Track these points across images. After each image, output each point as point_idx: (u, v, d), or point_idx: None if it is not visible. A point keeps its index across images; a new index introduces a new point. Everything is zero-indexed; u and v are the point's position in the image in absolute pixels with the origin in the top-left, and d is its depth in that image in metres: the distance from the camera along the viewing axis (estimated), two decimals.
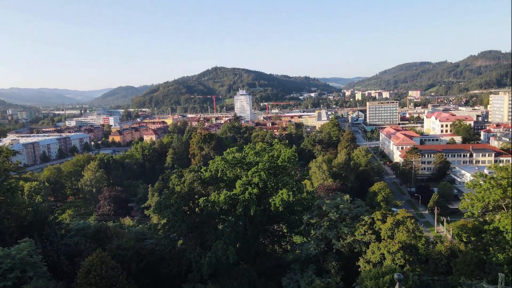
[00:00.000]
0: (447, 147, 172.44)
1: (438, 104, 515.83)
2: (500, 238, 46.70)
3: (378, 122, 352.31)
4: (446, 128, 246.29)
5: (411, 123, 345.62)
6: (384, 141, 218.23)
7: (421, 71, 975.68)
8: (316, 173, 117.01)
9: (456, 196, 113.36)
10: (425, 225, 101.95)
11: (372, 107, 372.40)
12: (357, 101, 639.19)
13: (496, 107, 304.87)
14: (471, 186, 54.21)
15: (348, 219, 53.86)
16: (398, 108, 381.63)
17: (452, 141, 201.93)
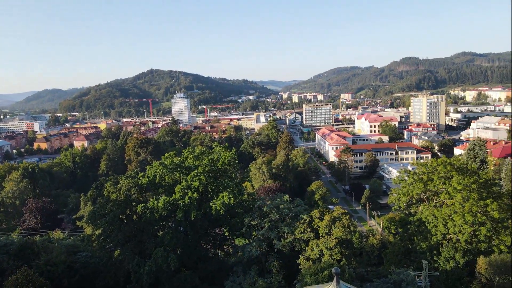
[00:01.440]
0: (376, 146, 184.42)
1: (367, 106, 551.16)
2: (422, 228, 51.05)
3: (314, 123, 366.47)
4: (375, 128, 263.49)
5: (344, 124, 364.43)
6: (320, 141, 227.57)
7: (351, 75, 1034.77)
8: (256, 174, 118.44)
9: (385, 192, 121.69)
10: (359, 220, 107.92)
11: (308, 109, 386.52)
12: (294, 104, 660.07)
13: (416, 108, 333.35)
14: (397, 181, 58.72)
15: (289, 218, 55.32)
16: (332, 110, 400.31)
17: (380, 140, 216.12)
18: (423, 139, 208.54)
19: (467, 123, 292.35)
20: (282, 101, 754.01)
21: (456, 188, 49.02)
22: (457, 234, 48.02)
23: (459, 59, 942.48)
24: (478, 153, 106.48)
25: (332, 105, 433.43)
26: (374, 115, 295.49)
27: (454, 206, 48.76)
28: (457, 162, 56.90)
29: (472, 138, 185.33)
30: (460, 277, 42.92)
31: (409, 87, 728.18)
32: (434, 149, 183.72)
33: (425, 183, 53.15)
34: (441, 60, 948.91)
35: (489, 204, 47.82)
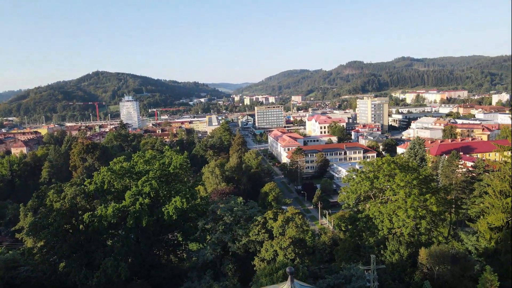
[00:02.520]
0: (326, 147, 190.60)
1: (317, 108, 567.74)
2: (370, 224, 53.53)
3: (266, 125, 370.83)
4: (325, 129, 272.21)
5: (295, 125, 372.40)
6: (272, 143, 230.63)
7: (301, 78, 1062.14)
8: (210, 178, 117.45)
9: (335, 190, 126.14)
10: (311, 219, 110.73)
11: (260, 111, 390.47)
12: (246, 106, 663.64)
13: (362, 110, 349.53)
14: (346, 180, 61.05)
15: (243, 221, 55.49)
16: (283, 112, 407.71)
17: (330, 141, 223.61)
18: (369, 139, 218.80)
19: (407, 123, 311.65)
20: (234, 104, 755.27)
21: (399, 185, 52.01)
22: (401, 228, 50.95)
23: (399, 64, 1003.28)
24: (418, 151, 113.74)
25: (283, 107, 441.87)
26: (324, 117, 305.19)
27: (398, 202, 51.70)
28: (400, 160, 60.44)
29: (412, 137, 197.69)
30: (404, 268, 45.59)
31: (355, 89, 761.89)
32: (379, 149, 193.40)
33: (371, 181, 55.82)
34: (383, 64, 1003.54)
35: (428, 199, 51.29)
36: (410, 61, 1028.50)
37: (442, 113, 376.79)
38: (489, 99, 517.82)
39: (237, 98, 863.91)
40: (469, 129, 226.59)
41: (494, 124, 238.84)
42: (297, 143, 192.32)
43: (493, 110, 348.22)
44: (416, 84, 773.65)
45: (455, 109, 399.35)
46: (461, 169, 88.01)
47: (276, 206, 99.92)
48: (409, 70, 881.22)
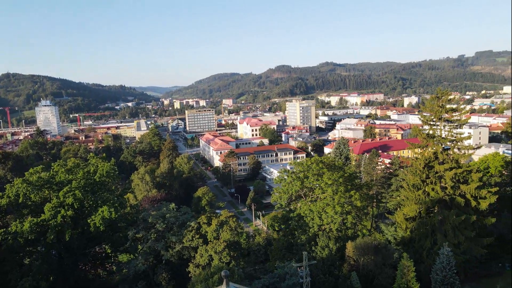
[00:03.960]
0: (258, 149, 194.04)
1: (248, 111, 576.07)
2: (302, 222, 55.73)
3: (198, 129, 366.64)
4: (256, 132, 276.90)
5: (227, 129, 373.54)
6: (204, 147, 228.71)
7: (232, 81, 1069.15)
8: (139, 185, 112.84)
9: (268, 192, 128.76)
10: (245, 221, 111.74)
11: (191, 115, 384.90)
12: (176, 110, 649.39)
13: (291, 112, 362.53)
14: (278, 181, 62.86)
15: (176, 227, 54.16)
16: (214, 116, 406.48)
17: (261, 143, 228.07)
18: (298, 141, 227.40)
19: (333, 124, 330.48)
20: (163, 108, 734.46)
21: (327, 183, 54.95)
22: (330, 224, 53.81)
23: (324, 68, 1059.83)
24: (343, 151, 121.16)
25: (214, 111, 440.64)
26: (255, 120, 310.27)
27: (326, 199, 54.54)
28: (327, 160, 63.88)
29: (338, 138, 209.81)
30: (334, 262, 48.16)
31: (284, 92, 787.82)
32: (308, 149, 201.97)
33: (302, 180, 58.22)
34: (310, 68, 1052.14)
35: (353, 195, 54.90)
36: (333, 66, 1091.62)
37: (362, 115, 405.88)
38: (401, 102, 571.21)
39: (167, 102, 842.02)
40: (386, 129, 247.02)
41: (406, 124, 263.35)
42: (229, 146, 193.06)
43: (405, 111, 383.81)
44: (339, 88, 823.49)
45: (374, 111, 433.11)
46: (380, 166, 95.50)
47: (209, 210, 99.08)
48: (332, 75, 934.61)
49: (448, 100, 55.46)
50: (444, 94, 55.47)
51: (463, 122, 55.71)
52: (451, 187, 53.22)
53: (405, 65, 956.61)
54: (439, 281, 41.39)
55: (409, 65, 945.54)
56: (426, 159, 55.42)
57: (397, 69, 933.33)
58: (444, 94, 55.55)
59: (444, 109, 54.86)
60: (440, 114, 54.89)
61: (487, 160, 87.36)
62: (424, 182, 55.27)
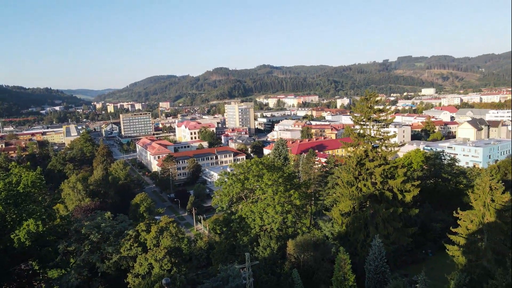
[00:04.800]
0: (197, 152, 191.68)
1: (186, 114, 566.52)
2: (243, 224, 56.11)
3: (134, 133, 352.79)
4: (195, 135, 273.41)
5: (165, 132, 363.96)
6: (141, 152, 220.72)
7: (168, 84, 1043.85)
8: (71, 194, 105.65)
9: (209, 195, 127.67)
10: (186, 226, 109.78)
11: (126, 119, 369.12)
12: (110, 114, 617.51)
13: (230, 114, 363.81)
14: (218, 184, 62.68)
15: (112, 237, 51.63)
16: (151, 119, 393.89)
17: (201, 146, 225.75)
18: (238, 143, 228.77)
19: (271, 126, 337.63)
20: (96, 112, 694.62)
21: (267, 184, 55.96)
22: (271, 224, 54.87)
23: (261, 71, 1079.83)
24: (282, 151, 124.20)
25: (151, 114, 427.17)
26: (193, 123, 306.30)
27: (267, 200, 55.52)
28: (267, 161, 65.11)
29: (276, 139, 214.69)
30: (276, 261, 49.18)
31: (223, 95, 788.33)
32: (248, 151, 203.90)
33: (242, 182, 58.63)
34: (247, 71, 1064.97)
35: (293, 194, 56.55)
36: (270, 69, 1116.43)
37: (299, 116, 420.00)
38: (334, 103, 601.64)
39: (99, 106, 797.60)
40: (321, 129, 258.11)
41: (340, 124, 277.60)
42: (168, 150, 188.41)
43: (338, 112, 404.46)
44: (277, 90, 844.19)
45: (310, 112, 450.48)
46: (317, 165, 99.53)
47: (148, 217, 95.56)
48: (270, 77, 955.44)
49: (376, 101, 59.53)
50: (372, 96, 59.44)
51: (389, 122, 60.12)
52: (380, 182, 57.12)
53: (337, 68, 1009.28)
54: (372, 271, 44.18)
55: (340, 68, 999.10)
56: (358, 157, 58.87)
57: (330, 72, 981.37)
58: (372, 96, 59.54)
59: (373, 110, 58.78)
60: (369, 115, 58.69)
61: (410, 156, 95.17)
62: (356, 178, 58.66)
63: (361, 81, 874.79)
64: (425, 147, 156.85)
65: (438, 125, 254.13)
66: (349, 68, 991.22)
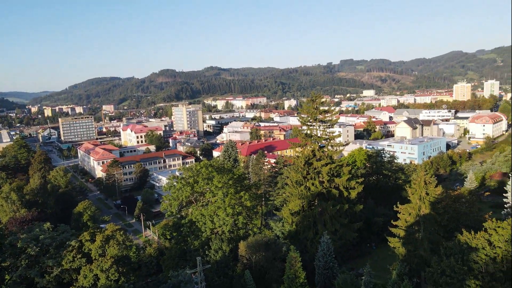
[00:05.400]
0: (144, 156, 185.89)
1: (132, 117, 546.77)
2: (194, 228, 55.37)
3: (75, 138, 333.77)
4: (141, 138, 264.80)
5: (109, 136, 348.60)
6: (84, 157, 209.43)
7: (112, 86, 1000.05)
8: (4, 205, 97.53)
9: (158, 200, 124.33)
10: (134, 233, 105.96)
11: (66, 123, 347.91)
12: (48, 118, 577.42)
13: (178, 117, 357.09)
14: (167, 188, 61.26)
15: (52, 249, 48.47)
16: (94, 123, 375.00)
17: (148, 150, 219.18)
18: (186, 145, 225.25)
19: (220, 128, 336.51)
20: (31, 116, 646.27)
21: (217, 186, 55.71)
22: (222, 226, 54.68)
23: (209, 73, 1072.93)
24: (231, 153, 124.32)
25: (94, 118, 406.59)
26: (140, 126, 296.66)
27: (217, 202, 55.25)
28: (216, 163, 64.82)
29: (226, 141, 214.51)
30: (228, 263, 49.08)
31: (170, 97, 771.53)
32: (197, 154, 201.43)
33: (192, 186, 57.83)
34: (195, 73, 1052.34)
35: (243, 196, 56.83)
36: (218, 71, 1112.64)
37: (248, 118, 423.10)
38: (282, 104, 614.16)
39: (35, 109, 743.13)
40: (270, 131, 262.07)
41: (288, 125, 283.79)
42: (113, 155, 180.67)
43: (286, 113, 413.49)
44: (225, 92, 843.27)
45: (258, 114, 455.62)
46: (266, 166, 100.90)
47: (93, 225, 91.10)
48: (218, 79, 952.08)
49: (321, 102, 61.75)
50: (318, 98, 61.58)
51: (334, 122, 62.66)
52: (327, 181, 59.31)
53: (283, 70, 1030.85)
54: (321, 267, 45.70)
55: (287, 70, 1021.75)
56: (306, 157, 60.64)
57: (277, 74, 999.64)
58: (318, 97, 61.68)
59: (318, 110, 60.89)
60: (315, 116, 60.72)
61: (354, 154, 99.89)
62: (305, 178, 60.38)
63: (307, 83, 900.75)
64: (367, 146, 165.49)
65: (378, 125, 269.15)
66: (296, 70, 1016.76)
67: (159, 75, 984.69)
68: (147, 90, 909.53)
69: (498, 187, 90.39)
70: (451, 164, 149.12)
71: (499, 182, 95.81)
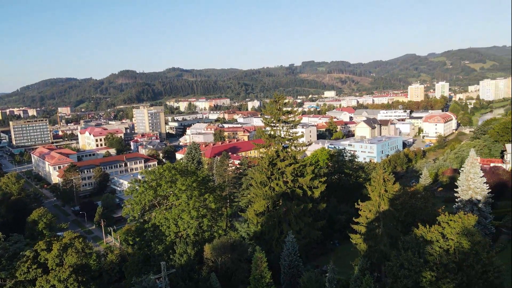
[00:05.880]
0: (104, 160, 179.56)
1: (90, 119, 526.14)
2: (158, 232, 54.23)
3: (28, 143, 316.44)
4: (101, 142, 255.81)
5: (66, 140, 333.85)
6: (38, 163, 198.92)
7: (68, 87, 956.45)
8: None
9: (119, 205, 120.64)
10: (95, 240, 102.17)
11: (17, 127, 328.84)
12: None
13: (139, 119, 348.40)
14: (129, 192, 59.55)
15: (5, 260, 45.72)
16: (49, 126, 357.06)
17: (108, 153, 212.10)
18: (148, 148, 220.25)
19: (183, 130, 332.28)
20: None
21: (181, 189, 54.89)
22: (187, 229, 53.96)
23: (171, 74, 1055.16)
24: (195, 155, 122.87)
25: (49, 121, 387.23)
26: (99, 129, 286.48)
27: (181, 205, 54.45)
28: (180, 166, 63.82)
29: (189, 143, 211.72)
30: (193, 267, 48.50)
31: (130, 99, 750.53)
32: (159, 156, 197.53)
33: (155, 189, 56.58)
34: (156, 74, 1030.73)
35: (207, 198, 56.41)
36: (180, 72, 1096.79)
37: (212, 119, 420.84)
38: (245, 106, 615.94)
39: None
40: (234, 132, 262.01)
41: (252, 126, 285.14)
42: (70, 160, 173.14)
43: (249, 114, 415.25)
44: (188, 93, 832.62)
45: (222, 115, 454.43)
46: (231, 167, 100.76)
47: (49, 234, 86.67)
48: (180, 80, 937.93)
49: (284, 103, 62.58)
50: (280, 99, 62.35)
51: (297, 123, 63.69)
52: (291, 180, 60.15)
53: (246, 71, 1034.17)
54: (286, 266, 46.27)
55: (250, 72, 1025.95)
56: (270, 158, 61.17)
57: (240, 75, 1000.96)
58: (280, 98, 62.45)
59: (281, 111, 61.66)
60: (278, 116, 61.43)
61: (317, 154, 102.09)
62: (269, 178, 60.90)
63: (270, 84, 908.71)
64: (329, 145, 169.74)
65: (339, 125, 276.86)
66: (258, 72, 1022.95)
67: (119, 76, 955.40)
68: (106, 91, 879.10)
69: (449, 182, 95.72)
70: (407, 162, 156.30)
71: (450, 178, 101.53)
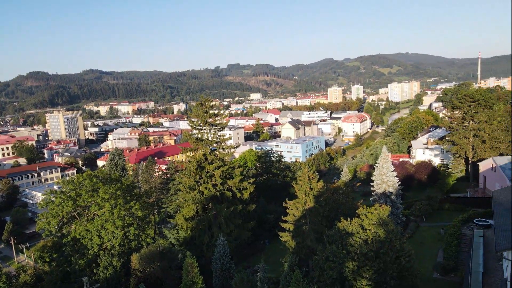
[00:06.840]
0: (13, 171, 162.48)
1: None
2: (78, 246, 50.41)
3: None
4: (8, 151, 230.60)
5: None
6: None
7: None
8: None
9: (32, 219, 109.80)
10: (4, 260, 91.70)
11: None
12: None
13: (54, 125, 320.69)
14: (44, 205, 54.52)
15: None
16: None
17: (17, 163, 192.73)
18: (66, 156, 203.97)
19: (104, 135, 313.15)
20: None
21: (104, 198, 51.69)
22: (111, 240, 50.95)
23: (88, 76, 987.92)
24: (118, 161, 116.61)
25: None
26: (5, 136, 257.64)
27: (104, 215, 51.27)
28: (102, 173, 60.05)
29: (111, 149, 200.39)
30: (120, 280, 46.01)
31: (43, 103, 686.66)
32: (78, 164, 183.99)
33: (74, 199, 52.52)
34: (72, 76, 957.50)
35: (133, 206, 53.95)
36: (99, 74, 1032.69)
37: (135, 123, 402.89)
38: (171, 109, 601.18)
39: None
40: (159, 136, 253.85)
41: (178, 130, 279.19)
42: None
43: (175, 118, 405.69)
44: (108, 97, 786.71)
45: (146, 119, 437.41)
46: (157, 172, 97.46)
47: None
48: (99, 83, 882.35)
49: (211, 106, 62.40)
50: (207, 101, 62.06)
51: (224, 125, 63.93)
52: (220, 183, 60.15)
53: (171, 74, 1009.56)
54: (218, 269, 46.14)
55: (175, 74, 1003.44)
56: (198, 161, 60.50)
57: (165, 78, 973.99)
58: (207, 101, 62.17)
59: (208, 114, 61.39)
60: (205, 119, 61.06)
61: (245, 156, 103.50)
62: (198, 182, 60.20)
63: (195, 86, 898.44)
64: (257, 147, 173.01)
65: (266, 126, 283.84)
66: (184, 74, 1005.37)
67: (28, 78, 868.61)
68: (13, 95, 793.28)
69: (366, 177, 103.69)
70: (329, 160, 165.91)
71: (367, 173, 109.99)
